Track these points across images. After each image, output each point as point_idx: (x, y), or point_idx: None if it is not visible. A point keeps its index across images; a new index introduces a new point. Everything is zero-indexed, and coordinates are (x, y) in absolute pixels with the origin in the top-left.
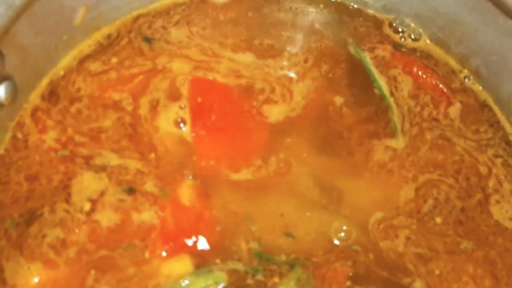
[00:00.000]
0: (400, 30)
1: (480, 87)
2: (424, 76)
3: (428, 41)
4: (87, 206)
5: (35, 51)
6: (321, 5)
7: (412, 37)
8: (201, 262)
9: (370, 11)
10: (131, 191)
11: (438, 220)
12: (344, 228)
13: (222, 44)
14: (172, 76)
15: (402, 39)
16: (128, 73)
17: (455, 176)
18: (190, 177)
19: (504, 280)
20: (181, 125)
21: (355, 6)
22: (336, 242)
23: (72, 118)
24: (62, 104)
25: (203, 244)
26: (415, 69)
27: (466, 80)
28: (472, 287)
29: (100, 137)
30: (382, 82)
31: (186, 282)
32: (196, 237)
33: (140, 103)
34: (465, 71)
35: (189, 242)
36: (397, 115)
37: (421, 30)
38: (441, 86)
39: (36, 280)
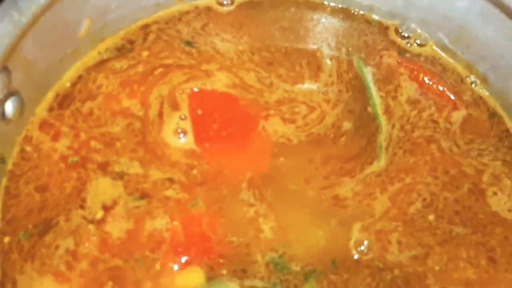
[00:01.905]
0: (406, 35)
1: (488, 93)
2: (431, 83)
3: (434, 47)
4: (100, 215)
5: (40, 65)
6: (327, 12)
7: (418, 42)
8: (213, 274)
9: (376, 17)
10: (145, 197)
11: (431, 217)
12: (366, 242)
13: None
14: (207, 77)
15: (408, 45)
16: (158, 63)
17: (432, 174)
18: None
19: (504, 266)
20: (181, 135)
21: (361, 12)
22: (356, 256)
23: (84, 122)
24: (74, 106)
25: (214, 255)
26: (421, 76)
27: (473, 85)
28: (471, 270)
29: (115, 144)
30: (377, 99)
31: None
32: (207, 249)
33: (150, 102)
34: (473, 76)
35: (200, 254)
36: (385, 133)
37: (427, 36)
38: (448, 93)
39: None
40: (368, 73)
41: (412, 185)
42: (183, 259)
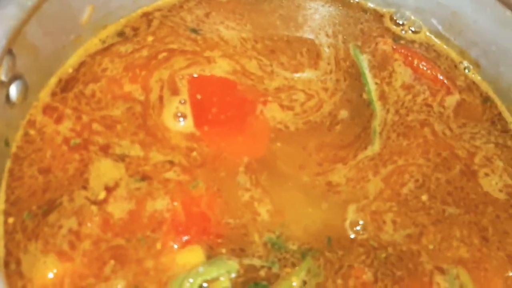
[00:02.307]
0: (400, 23)
1: (480, 78)
2: (425, 68)
3: (428, 33)
4: (102, 195)
5: (44, 51)
6: (324, 0)
7: (412, 29)
8: (212, 253)
9: (371, 5)
10: (146, 179)
11: (424, 197)
12: (361, 222)
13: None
14: (207, 63)
15: (403, 32)
16: (163, 48)
17: (424, 156)
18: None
19: (496, 244)
20: (181, 119)
21: (357, 0)
22: (352, 236)
23: (87, 105)
24: (77, 88)
25: (213, 235)
26: (416, 62)
27: (467, 71)
28: (464, 249)
29: (116, 127)
30: (372, 86)
31: (201, 269)
32: (207, 228)
33: (151, 86)
34: (465, 62)
35: (200, 233)
36: (379, 118)
37: (421, 23)
38: (441, 77)
39: (51, 275)
40: (364, 61)
41: (404, 167)
42: (184, 238)
